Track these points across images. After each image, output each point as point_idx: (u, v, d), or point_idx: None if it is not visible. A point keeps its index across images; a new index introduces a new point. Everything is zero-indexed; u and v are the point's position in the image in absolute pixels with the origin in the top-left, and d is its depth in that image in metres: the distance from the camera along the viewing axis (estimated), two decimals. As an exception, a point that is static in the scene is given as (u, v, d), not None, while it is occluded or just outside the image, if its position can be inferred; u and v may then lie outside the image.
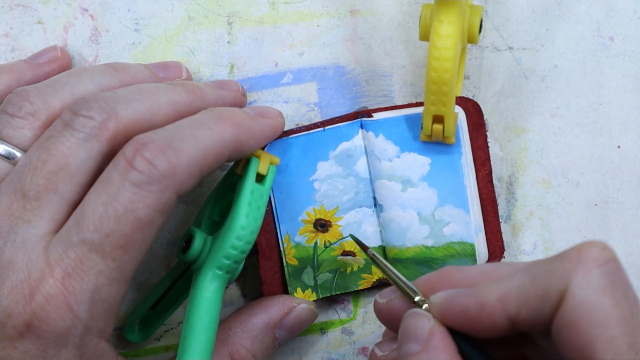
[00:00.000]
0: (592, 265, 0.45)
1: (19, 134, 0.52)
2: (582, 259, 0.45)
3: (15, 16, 0.60)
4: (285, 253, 0.59)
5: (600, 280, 0.45)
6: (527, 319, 0.46)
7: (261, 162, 0.55)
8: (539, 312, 0.46)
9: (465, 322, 0.48)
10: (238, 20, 0.60)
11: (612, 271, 0.45)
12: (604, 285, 0.45)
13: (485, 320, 0.47)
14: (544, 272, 0.46)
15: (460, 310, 0.48)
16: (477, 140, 0.58)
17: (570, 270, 0.45)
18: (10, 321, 0.49)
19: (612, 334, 0.44)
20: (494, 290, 0.47)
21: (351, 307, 0.61)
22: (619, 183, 0.61)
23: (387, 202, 0.58)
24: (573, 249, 0.46)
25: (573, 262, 0.45)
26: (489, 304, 0.47)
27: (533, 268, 0.47)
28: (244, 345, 0.57)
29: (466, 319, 0.48)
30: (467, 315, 0.48)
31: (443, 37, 0.53)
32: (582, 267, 0.45)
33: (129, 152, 0.49)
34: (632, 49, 0.60)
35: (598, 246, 0.46)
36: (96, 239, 0.49)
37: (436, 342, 0.48)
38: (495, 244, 0.59)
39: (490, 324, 0.47)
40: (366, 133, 0.58)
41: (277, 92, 0.60)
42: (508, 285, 0.47)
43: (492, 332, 0.47)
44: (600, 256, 0.45)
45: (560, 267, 0.46)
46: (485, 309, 0.47)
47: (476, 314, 0.47)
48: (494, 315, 0.47)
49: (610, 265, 0.45)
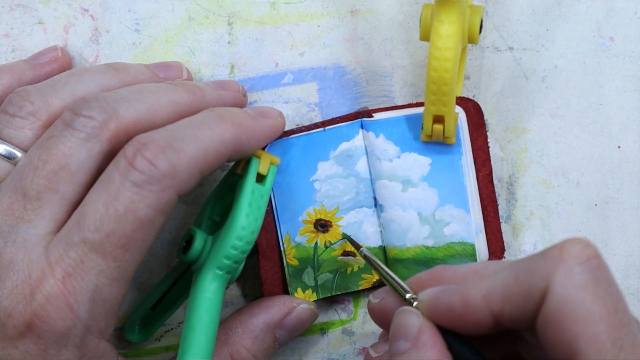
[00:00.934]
0: (574, 262, 0.45)
1: (20, 134, 0.52)
2: (564, 256, 0.45)
3: (16, 16, 0.60)
4: (286, 253, 0.59)
5: (582, 277, 0.45)
6: (511, 317, 0.47)
7: (261, 162, 0.55)
8: (522, 310, 0.46)
9: (451, 319, 0.48)
10: (238, 21, 0.60)
11: (594, 268, 0.45)
12: (586, 282, 0.45)
13: (470, 318, 0.47)
14: (527, 270, 0.46)
15: (447, 307, 0.48)
16: (478, 141, 0.58)
17: (552, 268, 0.45)
18: (10, 321, 0.49)
19: (595, 330, 0.44)
20: (478, 287, 0.47)
21: (351, 308, 0.61)
22: (619, 183, 0.61)
23: (388, 202, 0.58)
24: (555, 246, 0.46)
25: (555, 259, 0.45)
26: (474, 302, 0.47)
27: (517, 266, 0.47)
28: (244, 346, 0.57)
29: (452, 316, 0.48)
30: (453, 312, 0.48)
31: (443, 37, 0.53)
32: (564, 265, 0.45)
33: (130, 152, 0.49)
34: (632, 49, 0.60)
35: (580, 243, 0.46)
36: (97, 238, 0.49)
37: (425, 339, 0.48)
38: (495, 244, 0.59)
39: (475, 321, 0.47)
40: (366, 133, 0.58)
41: (278, 92, 0.60)
42: (492, 283, 0.47)
43: (478, 329, 0.48)
44: (582, 253, 0.45)
45: (543, 265, 0.46)
46: (470, 306, 0.47)
47: (461, 311, 0.48)
48: (479, 312, 0.47)
49: (592, 262, 0.45)
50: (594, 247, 0.46)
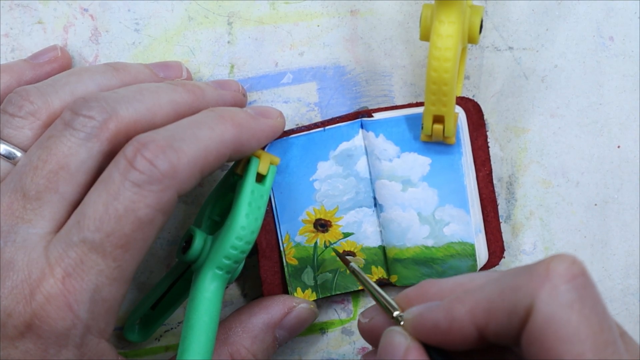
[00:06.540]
0: (560, 281, 0.45)
1: (20, 134, 0.52)
2: (550, 275, 0.45)
3: (15, 16, 0.60)
4: (286, 253, 0.59)
5: (567, 296, 0.44)
6: (496, 333, 0.46)
7: (261, 162, 0.55)
8: (506, 326, 0.46)
9: (437, 336, 0.48)
10: (238, 20, 0.60)
11: (580, 286, 0.45)
12: (572, 301, 0.44)
13: (456, 334, 0.47)
14: (512, 286, 0.46)
15: (432, 325, 0.48)
16: (477, 140, 0.58)
17: (537, 285, 0.45)
18: (10, 321, 0.49)
19: (580, 350, 0.44)
20: (463, 302, 0.47)
21: (351, 307, 0.61)
22: (619, 183, 0.61)
23: (388, 202, 0.58)
24: (541, 263, 0.45)
25: (541, 277, 0.45)
26: (458, 318, 0.47)
27: (502, 280, 0.46)
28: (244, 345, 0.57)
29: (438, 333, 0.47)
30: (439, 329, 0.47)
31: (443, 37, 0.53)
32: (550, 282, 0.45)
33: (130, 151, 0.49)
34: (632, 49, 0.60)
35: (566, 261, 0.45)
36: (97, 238, 0.49)
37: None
38: (495, 244, 0.59)
39: (461, 337, 0.47)
40: (366, 133, 0.58)
41: (277, 92, 0.60)
42: (477, 297, 0.47)
43: (464, 344, 0.47)
44: (569, 272, 0.45)
45: (528, 282, 0.45)
46: (455, 322, 0.47)
47: (447, 328, 0.47)
48: (464, 328, 0.47)
49: (578, 281, 0.45)
50: (580, 264, 0.45)
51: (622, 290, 0.61)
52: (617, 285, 0.61)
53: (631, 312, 0.61)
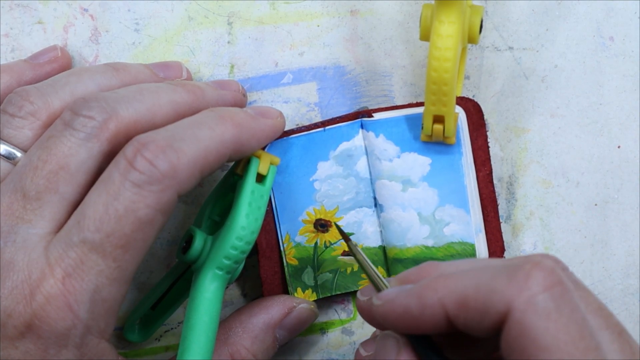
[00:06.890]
0: (537, 289, 0.45)
1: (20, 134, 0.52)
2: (528, 283, 0.45)
3: (15, 16, 0.60)
4: (286, 253, 0.59)
5: (545, 305, 0.44)
6: (466, 326, 0.46)
7: (261, 162, 0.55)
8: (477, 324, 0.46)
9: (409, 322, 0.47)
10: (238, 20, 0.60)
11: (557, 295, 0.45)
12: (549, 310, 0.44)
13: (427, 320, 0.47)
14: (489, 285, 0.45)
15: (403, 311, 0.47)
16: (478, 140, 0.58)
17: (513, 293, 0.45)
18: (10, 321, 0.49)
19: (559, 357, 0.44)
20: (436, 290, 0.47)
21: (351, 307, 0.61)
22: (619, 183, 0.61)
23: (388, 202, 0.58)
24: (521, 269, 0.45)
25: (519, 284, 0.45)
26: (430, 305, 0.46)
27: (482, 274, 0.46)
28: (244, 345, 0.57)
29: (409, 318, 0.47)
30: (410, 315, 0.47)
31: (443, 37, 0.53)
32: (527, 292, 0.45)
33: (130, 152, 0.49)
34: (632, 49, 0.60)
35: (545, 270, 0.45)
36: (97, 239, 0.49)
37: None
38: (495, 244, 0.59)
39: (432, 323, 0.47)
40: (366, 133, 0.58)
41: (277, 92, 0.60)
42: (451, 287, 0.46)
43: (436, 330, 0.47)
44: (547, 281, 0.45)
45: (505, 288, 0.45)
46: (426, 309, 0.47)
47: (418, 314, 0.47)
48: (436, 316, 0.46)
49: (555, 290, 0.45)
50: (559, 273, 0.45)
51: (622, 290, 0.61)
52: (617, 285, 0.61)
53: (631, 312, 0.61)
